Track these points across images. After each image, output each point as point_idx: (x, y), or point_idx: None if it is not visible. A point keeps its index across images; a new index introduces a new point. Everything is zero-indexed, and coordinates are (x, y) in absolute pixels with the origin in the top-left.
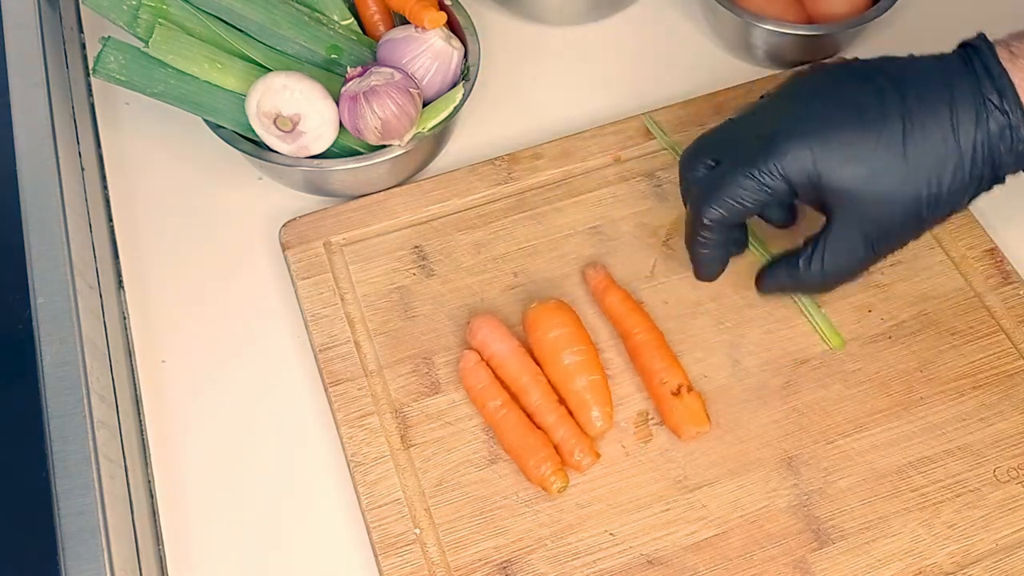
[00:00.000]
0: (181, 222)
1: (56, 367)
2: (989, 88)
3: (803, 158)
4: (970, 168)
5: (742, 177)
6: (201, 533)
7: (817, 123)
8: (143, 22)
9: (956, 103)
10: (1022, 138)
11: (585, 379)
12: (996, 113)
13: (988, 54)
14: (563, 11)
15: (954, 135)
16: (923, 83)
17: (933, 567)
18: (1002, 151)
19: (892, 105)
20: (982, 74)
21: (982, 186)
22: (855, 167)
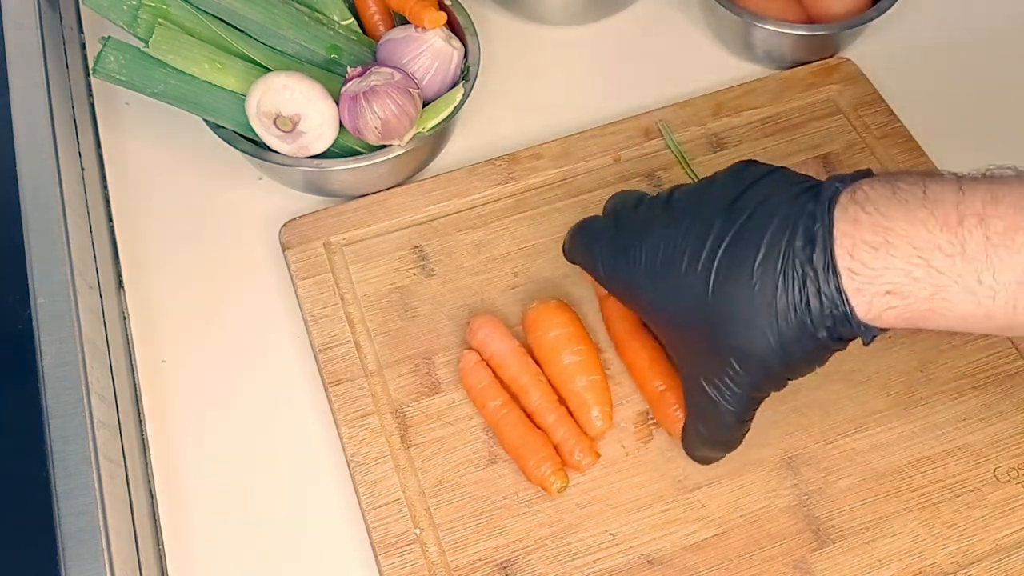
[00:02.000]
0: (181, 222)
1: (56, 367)
2: (802, 241)
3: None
4: (780, 325)
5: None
6: (201, 533)
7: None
8: (143, 22)
9: (765, 260)
10: (833, 301)
11: (585, 379)
12: (803, 270)
13: (823, 201)
14: (563, 11)
15: (770, 291)
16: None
17: (933, 567)
18: (816, 311)
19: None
20: (804, 222)
21: (809, 349)
22: (664, 315)
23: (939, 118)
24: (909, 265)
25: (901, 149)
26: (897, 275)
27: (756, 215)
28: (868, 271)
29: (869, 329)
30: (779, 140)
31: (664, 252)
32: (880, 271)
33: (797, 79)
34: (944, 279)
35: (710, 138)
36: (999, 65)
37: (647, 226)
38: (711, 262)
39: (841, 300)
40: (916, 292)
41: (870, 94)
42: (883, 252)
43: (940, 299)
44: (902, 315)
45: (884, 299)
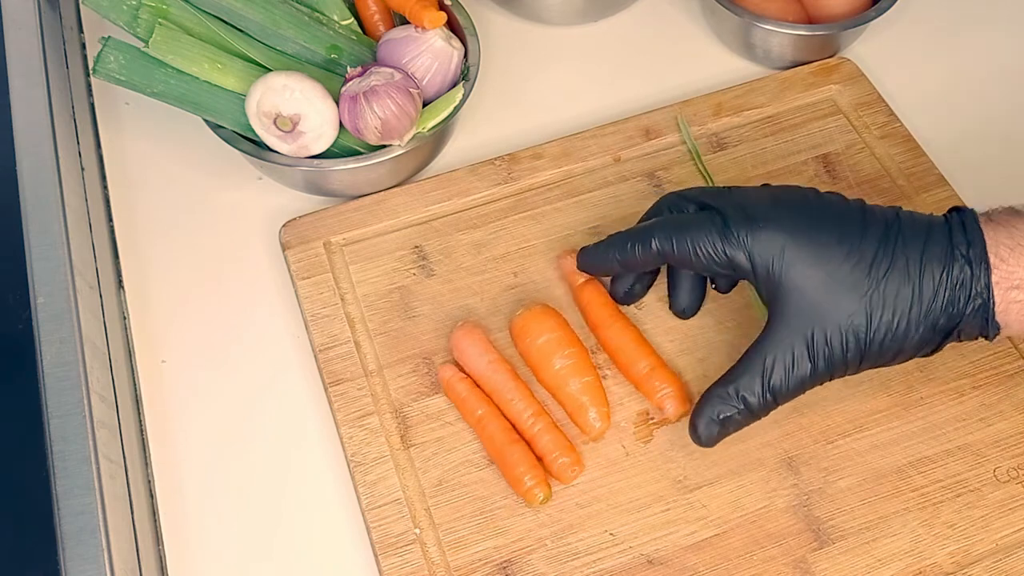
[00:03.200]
0: (181, 222)
1: (56, 367)
2: (960, 238)
3: (774, 244)
4: (926, 311)
5: (711, 231)
6: (201, 533)
7: (799, 222)
8: (143, 22)
9: (928, 247)
10: (980, 292)
11: (578, 382)
12: (961, 262)
13: (968, 214)
14: (563, 11)
15: (920, 277)
16: (905, 225)
17: (933, 567)
18: (960, 301)
19: (871, 234)
20: (956, 226)
21: (935, 335)
22: (817, 271)
23: (939, 118)
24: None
25: (901, 149)
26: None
27: (907, 221)
28: (1005, 266)
29: (996, 326)
30: (779, 140)
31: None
32: (1014, 267)
33: (797, 79)
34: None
35: (710, 138)
36: (999, 65)
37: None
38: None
39: (988, 293)
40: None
41: (870, 94)
42: (1017, 252)
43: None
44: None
45: (1012, 293)
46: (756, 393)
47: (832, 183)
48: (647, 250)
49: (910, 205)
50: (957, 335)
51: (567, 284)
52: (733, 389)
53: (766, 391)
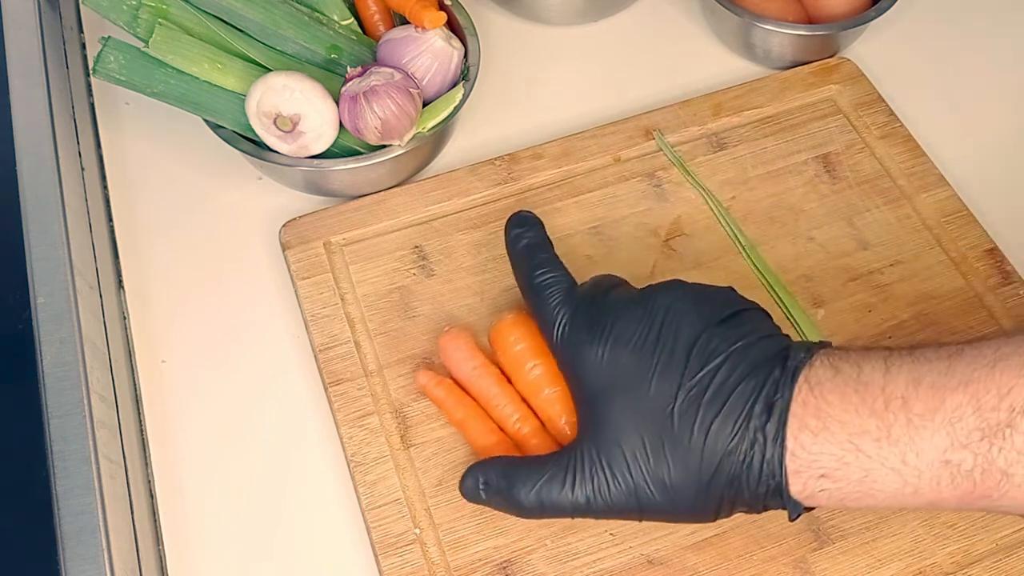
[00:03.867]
0: (181, 222)
1: (56, 367)
2: (762, 407)
3: (584, 360)
4: (707, 476)
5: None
6: (201, 533)
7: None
8: (143, 22)
9: (723, 411)
10: (772, 473)
11: (549, 390)
12: (752, 436)
13: (788, 372)
14: (563, 11)
15: (704, 441)
16: (717, 372)
17: (933, 567)
18: (749, 476)
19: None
20: (768, 389)
21: (721, 506)
22: (616, 400)
23: (939, 118)
24: (841, 450)
25: (901, 149)
26: (831, 460)
27: (730, 361)
28: (806, 454)
29: (797, 505)
30: (779, 140)
31: (633, 344)
32: (817, 455)
33: (797, 79)
34: (872, 463)
35: (710, 138)
36: (999, 64)
37: (620, 309)
38: (675, 388)
39: (780, 473)
40: (847, 475)
41: (870, 94)
42: (821, 437)
43: (870, 482)
44: (834, 496)
45: (818, 481)
46: (526, 491)
47: (832, 183)
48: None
49: (910, 205)
50: (753, 506)
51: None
52: (510, 473)
53: (536, 494)
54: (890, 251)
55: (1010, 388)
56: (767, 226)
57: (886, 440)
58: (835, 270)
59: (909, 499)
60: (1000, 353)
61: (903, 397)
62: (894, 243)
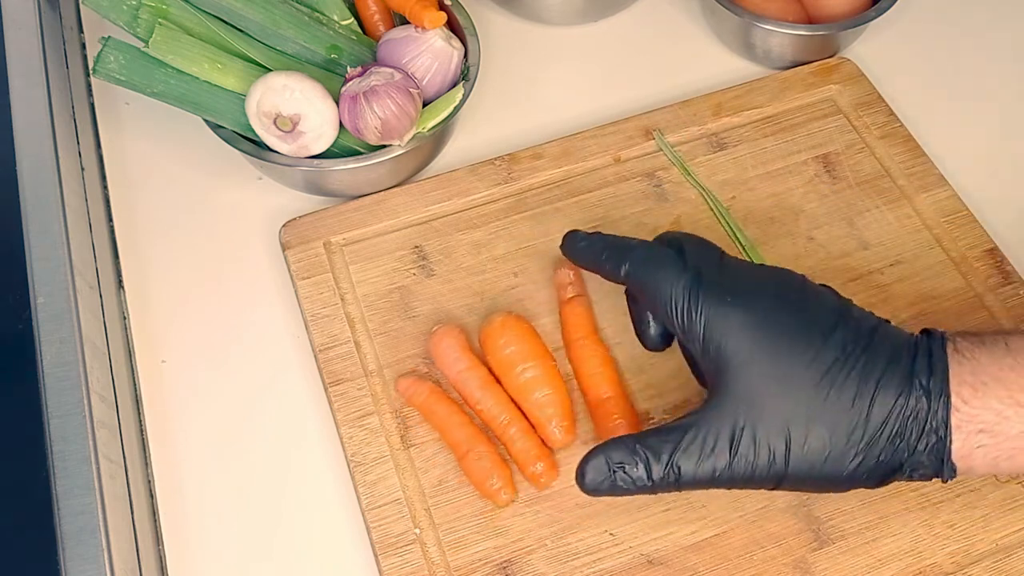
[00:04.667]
0: (181, 222)
1: (56, 367)
2: (922, 365)
3: (731, 325)
4: (869, 439)
5: (680, 286)
6: (201, 533)
7: (769, 313)
8: (143, 22)
9: (888, 370)
10: (936, 429)
11: (540, 393)
12: (919, 392)
13: (936, 340)
14: (563, 11)
15: (871, 400)
16: (876, 342)
17: (933, 567)
18: (911, 435)
19: (835, 341)
20: (922, 352)
21: (876, 469)
22: (766, 367)
23: (939, 118)
24: (1002, 405)
25: (901, 149)
26: (991, 414)
27: (879, 332)
28: (968, 409)
29: (952, 468)
30: (779, 140)
31: (783, 310)
32: (978, 410)
33: (797, 79)
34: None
35: (710, 138)
36: (999, 64)
37: (758, 276)
38: (832, 353)
39: (945, 430)
40: (1006, 430)
41: (870, 94)
42: (981, 392)
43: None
44: (990, 453)
45: (977, 437)
46: (662, 462)
47: (832, 183)
48: (615, 269)
49: (910, 205)
50: (907, 473)
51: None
52: (641, 447)
53: (672, 466)
54: (890, 251)
55: None
56: (767, 226)
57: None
58: (835, 270)
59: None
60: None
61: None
62: (894, 243)
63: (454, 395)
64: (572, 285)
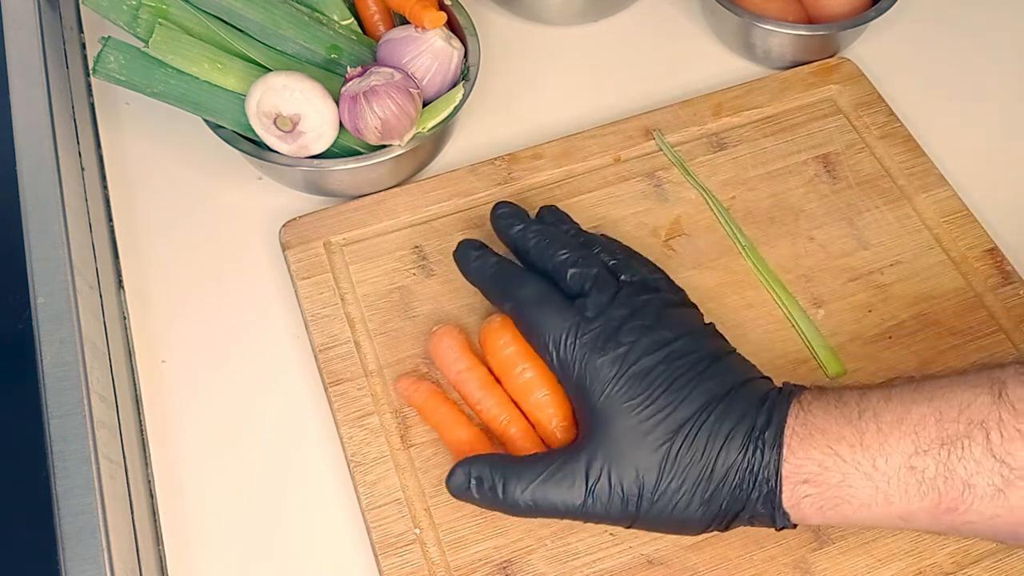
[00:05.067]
0: (181, 222)
1: (56, 367)
2: (764, 420)
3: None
4: (713, 491)
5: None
6: (201, 533)
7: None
8: (143, 22)
9: (737, 426)
10: (768, 479)
11: (539, 393)
12: (758, 445)
13: (786, 394)
14: (563, 11)
15: (716, 455)
16: (734, 399)
17: (933, 567)
18: (748, 485)
19: (696, 397)
20: (768, 406)
21: (720, 517)
22: (629, 419)
23: (939, 118)
24: (822, 455)
25: (901, 149)
26: (813, 465)
27: (738, 390)
28: (795, 459)
29: (784, 515)
30: (779, 140)
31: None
32: (803, 460)
33: (797, 79)
34: (847, 467)
35: (710, 138)
36: (999, 64)
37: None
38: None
39: (776, 478)
40: (827, 480)
41: (870, 94)
42: (806, 443)
43: (847, 486)
44: (815, 503)
45: (802, 487)
46: (520, 489)
47: (832, 183)
48: (501, 300)
49: (910, 205)
50: (747, 519)
51: None
52: (505, 470)
53: (531, 492)
54: (890, 251)
55: (968, 404)
56: (767, 226)
57: (859, 446)
58: (835, 270)
59: (882, 508)
60: (964, 376)
61: (874, 410)
62: (894, 243)
63: (454, 395)
64: None
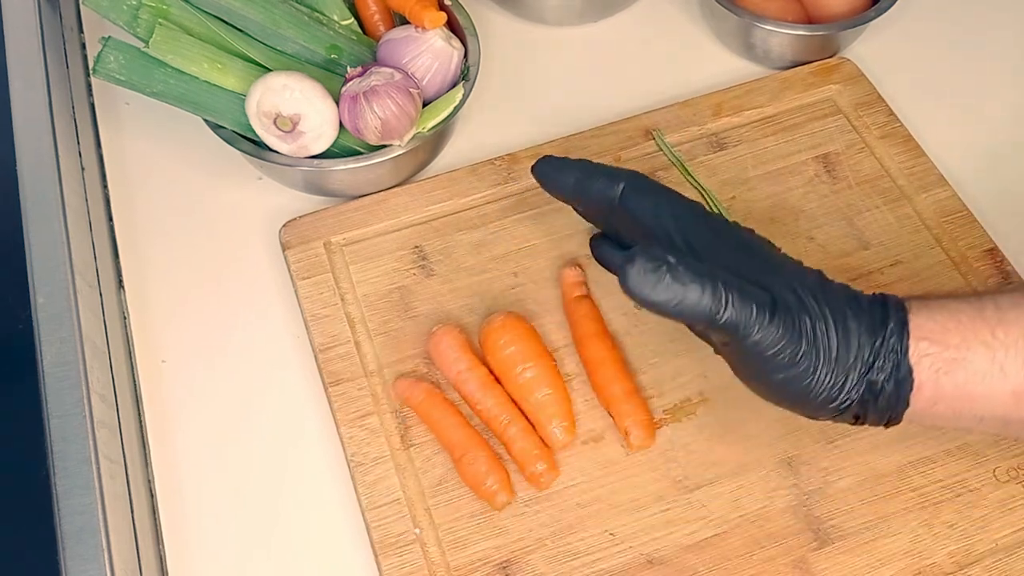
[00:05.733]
0: (181, 222)
1: (56, 367)
2: (891, 318)
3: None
4: (845, 375)
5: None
6: (201, 532)
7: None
8: (143, 22)
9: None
10: (898, 364)
11: (541, 393)
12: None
13: (898, 301)
14: (563, 11)
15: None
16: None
17: (933, 567)
18: (881, 374)
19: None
20: (892, 311)
21: (850, 406)
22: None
23: (939, 118)
24: (944, 316)
25: (901, 149)
26: (934, 327)
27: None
28: (917, 318)
29: (905, 382)
30: (779, 140)
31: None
32: (924, 320)
33: (797, 79)
34: (967, 331)
35: (710, 138)
36: (999, 64)
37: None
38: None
39: (902, 349)
40: (947, 340)
41: (870, 94)
42: (925, 312)
43: (965, 348)
44: (934, 364)
45: (923, 344)
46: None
47: (832, 183)
48: (604, 191)
49: (910, 205)
50: (876, 406)
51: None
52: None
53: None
54: (890, 251)
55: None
56: (767, 226)
57: (979, 317)
58: (835, 270)
59: (997, 381)
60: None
61: (993, 295)
62: (894, 243)
63: (454, 395)
64: (581, 284)
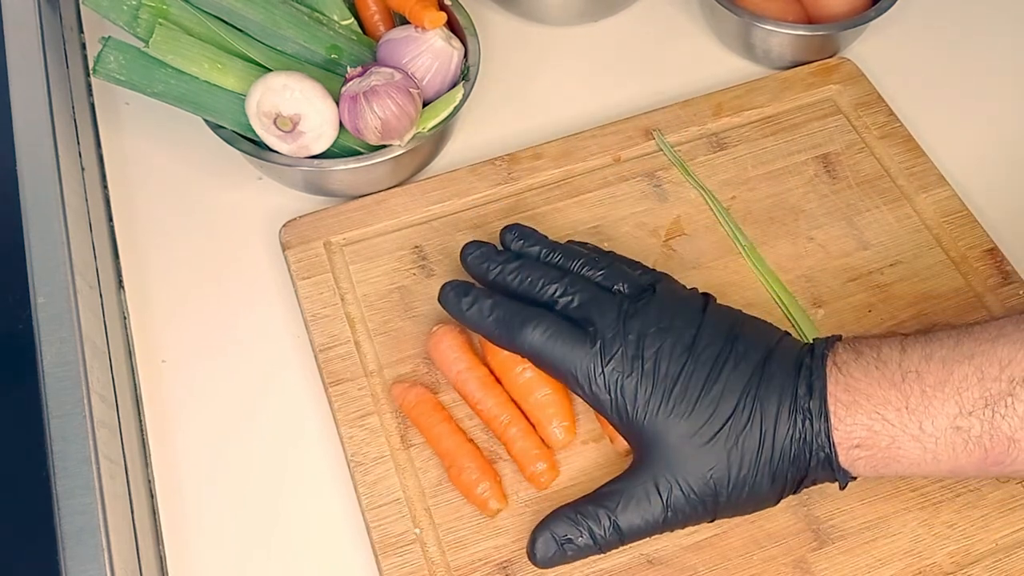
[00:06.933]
0: (181, 222)
1: (56, 367)
2: (804, 390)
3: (641, 391)
4: (776, 466)
5: (584, 359)
6: (201, 533)
7: (662, 374)
8: (143, 22)
9: (781, 402)
10: (822, 446)
11: (540, 393)
12: (805, 416)
13: (817, 358)
14: (563, 11)
15: (773, 433)
16: (768, 374)
17: (933, 567)
18: (806, 454)
19: (735, 381)
20: (804, 373)
21: (787, 485)
22: (680, 424)
23: (939, 118)
24: (870, 420)
25: (901, 149)
26: (862, 430)
27: (769, 363)
28: (843, 426)
29: (845, 475)
30: (779, 140)
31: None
32: (851, 427)
33: (797, 79)
34: (895, 430)
35: (710, 138)
36: (999, 64)
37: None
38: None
39: (829, 445)
40: (877, 443)
41: (870, 94)
42: (852, 409)
43: (896, 447)
44: (869, 464)
45: (855, 451)
46: (603, 527)
47: (832, 183)
48: (511, 341)
49: (910, 205)
50: (812, 481)
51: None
52: (582, 517)
53: (614, 527)
54: (890, 251)
55: (1009, 360)
56: (767, 226)
57: (905, 410)
58: (835, 270)
59: (931, 465)
60: (1003, 330)
61: (917, 371)
62: (894, 243)
63: (454, 395)
64: None
